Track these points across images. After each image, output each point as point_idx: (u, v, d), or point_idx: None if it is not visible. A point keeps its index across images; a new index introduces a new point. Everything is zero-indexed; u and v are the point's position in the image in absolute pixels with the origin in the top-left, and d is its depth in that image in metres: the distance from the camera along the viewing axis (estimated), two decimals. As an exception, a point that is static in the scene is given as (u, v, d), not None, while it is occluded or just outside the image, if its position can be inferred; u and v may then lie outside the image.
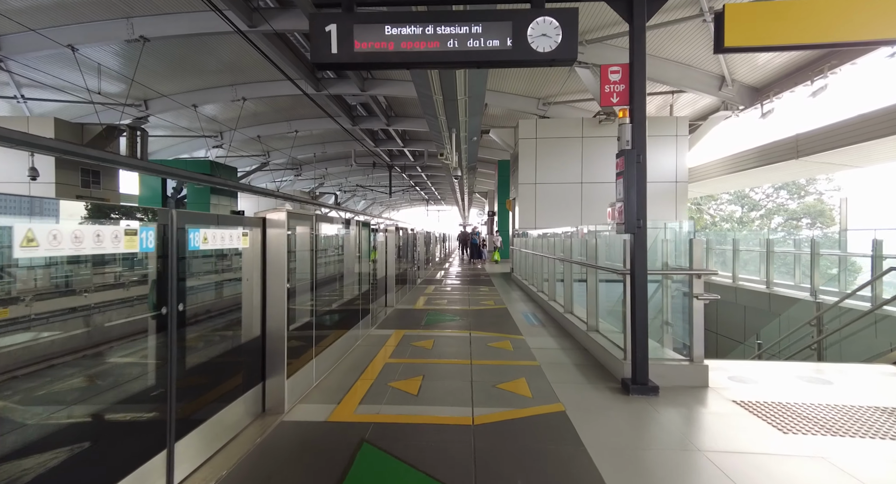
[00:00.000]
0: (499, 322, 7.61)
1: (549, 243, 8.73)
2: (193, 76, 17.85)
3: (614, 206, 4.54)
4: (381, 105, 21.41)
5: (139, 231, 2.33)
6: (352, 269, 6.18)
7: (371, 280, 7.81)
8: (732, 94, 13.49)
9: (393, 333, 6.76)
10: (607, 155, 14.25)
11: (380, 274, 8.87)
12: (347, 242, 6.12)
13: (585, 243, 6.15)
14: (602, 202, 14.24)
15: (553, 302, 8.32)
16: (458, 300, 9.91)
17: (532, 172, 14.34)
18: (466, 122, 9.23)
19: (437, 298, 10.19)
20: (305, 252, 4.33)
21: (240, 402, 3.45)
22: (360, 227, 6.34)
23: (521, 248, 13.30)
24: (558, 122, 14.55)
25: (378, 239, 8.51)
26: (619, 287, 6.31)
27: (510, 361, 5.25)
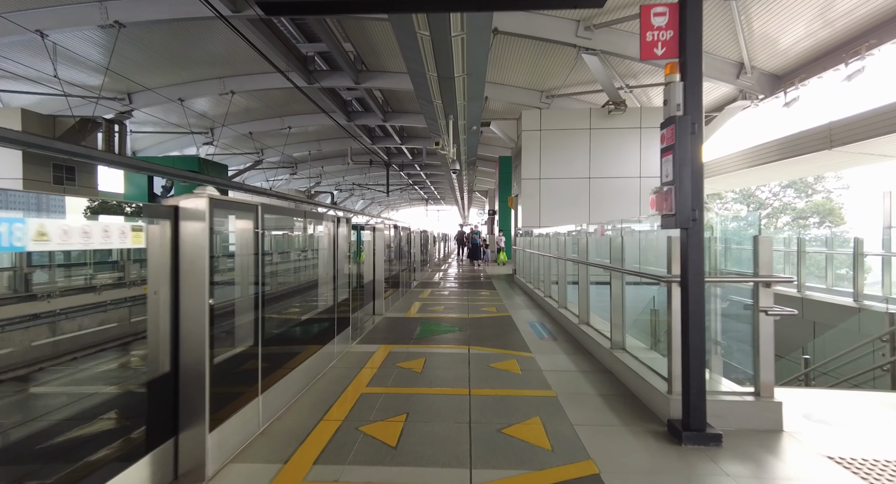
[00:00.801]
0: (502, 334, 6.48)
1: (559, 243, 7.61)
2: (179, 68, 16.74)
3: (659, 191, 3.42)
4: (378, 100, 20.33)
5: None
6: (326, 273, 5.06)
7: (354, 286, 6.70)
8: (752, 82, 12.36)
9: (378, 349, 5.63)
10: (617, 148, 13.15)
11: (367, 278, 7.76)
12: (320, 241, 5.00)
13: (609, 242, 5.02)
14: (612, 199, 13.12)
15: (564, 310, 7.20)
16: (457, 307, 8.79)
17: (536, 167, 13.22)
18: (465, 107, 8.13)
19: (432, 304, 9.07)
20: (249, 255, 3.21)
21: (137, 468, 2.34)
22: (337, 223, 5.21)
23: (524, 248, 12.18)
24: (564, 113, 13.44)
25: (365, 238, 7.40)
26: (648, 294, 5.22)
27: (519, 391, 4.12)
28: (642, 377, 3.92)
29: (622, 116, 12.90)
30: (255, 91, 19.11)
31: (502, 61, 13.74)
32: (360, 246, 6.82)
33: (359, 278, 6.96)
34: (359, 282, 7.00)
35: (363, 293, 7.60)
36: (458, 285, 12.45)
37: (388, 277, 8.65)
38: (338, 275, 5.27)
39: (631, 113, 12.91)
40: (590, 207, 13.07)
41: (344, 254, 5.61)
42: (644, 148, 12.96)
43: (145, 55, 15.27)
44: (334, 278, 5.11)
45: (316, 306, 4.91)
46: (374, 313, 7.88)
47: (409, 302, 9.34)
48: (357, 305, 6.86)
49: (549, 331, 6.69)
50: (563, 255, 7.50)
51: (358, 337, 6.25)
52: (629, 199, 12.99)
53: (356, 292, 6.88)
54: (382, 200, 46.90)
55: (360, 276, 7.42)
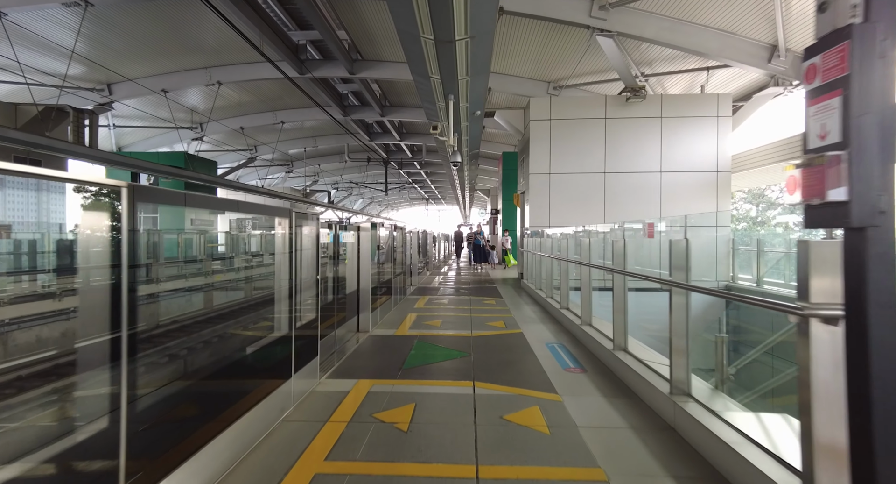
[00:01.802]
0: (515, 362, 5.05)
1: (581, 245, 6.17)
2: (161, 57, 15.34)
3: (810, 164, 1.96)
4: (375, 93, 18.96)
5: None
6: (283, 286, 3.64)
7: (330, 299, 5.29)
8: (786, 66, 10.91)
9: (354, 386, 4.20)
10: (636, 140, 11.71)
11: (349, 286, 6.34)
12: (273, 243, 3.59)
13: (670, 246, 3.57)
14: (629, 196, 11.68)
15: (590, 328, 5.78)
16: (457, 321, 7.36)
17: (545, 160, 11.79)
18: (468, 85, 6.73)
19: (429, 317, 7.64)
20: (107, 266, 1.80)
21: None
22: (296, 219, 3.79)
23: (533, 250, 10.76)
24: (577, 101, 12.00)
25: (346, 239, 5.97)
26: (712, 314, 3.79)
27: (550, 470, 2.70)
28: (745, 458, 2.49)
29: (641, 105, 11.47)
30: (244, 82, 17.75)
31: (506, 49, 12.32)
32: (336, 248, 5.40)
33: (337, 289, 5.53)
34: (338, 293, 5.57)
35: (346, 306, 6.18)
36: (459, 292, 11.02)
37: (378, 284, 7.23)
38: (298, 287, 3.84)
39: (651, 101, 11.48)
40: (605, 205, 11.64)
41: (311, 259, 4.19)
42: (665, 140, 11.52)
43: (124, 42, 13.91)
44: (292, 292, 3.68)
45: (262, 332, 3.49)
46: (358, 330, 6.46)
47: (402, 313, 7.91)
48: (335, 323, 5.44)
49: (573, 356, 5.25)
50: (587, 260, 6.07)
51: (332, 367, 4.82)
52: (649, 196, 11.55)
53: (334, 307, 5.46)
54: (382, 200, 45.48)
55: (341, 285, 6.00)
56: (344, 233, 5.78)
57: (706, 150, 11.51)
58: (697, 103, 11.57)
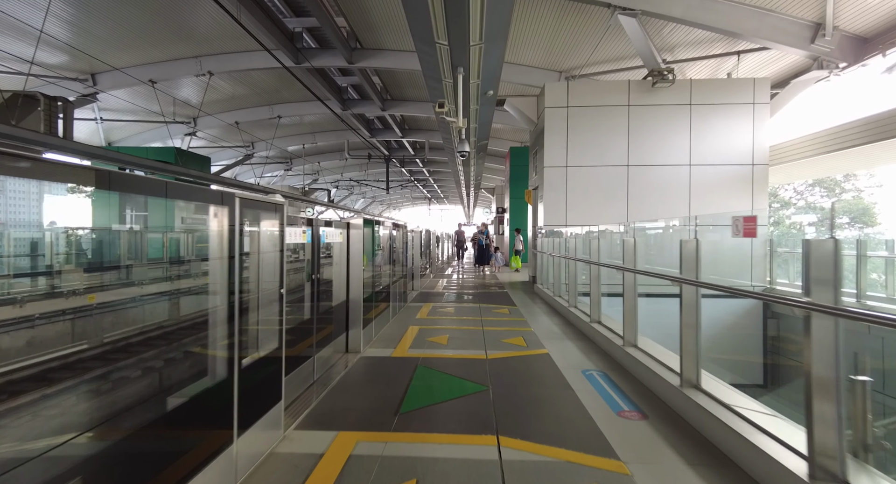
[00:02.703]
0: (549, 401, 3.79)
1: (625, 247, 4.91)
2: (148, 45, 14.15)
3: None
4: (376, 86, 17.77)
5: None
6: (219, 306, 2.40)
7: (306, 317, 4.06)
8: (832, 46, 9.63)
9: (328, 447, 2.95)
10: (662, 129, 10.43)
11: (336, 297, 5.09)
12: (219, 246, 2.36)
13: (814, 252, 2.29)
14: (655, 192, 10.41)
15: (637, 351, 4.52)
16: (467, 336, 6.11)
17: (562, 152, 10.51)
18: (481, 53, 5.49)
19: (433, 331, 6.38)
20: None
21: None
22: (249, 213, 2.56)
23: (550, 251, 9.50)
24: (597, 87, 10.73)
25: (332, 239, 4.72)
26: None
27: None
28: None
29: (668, 91, 10.20)
30: (238, 73, 16.55)
31: (514, 35, 11.07)
32: (315, 251, 4.15)
33: (318, 301, 4.28)
34: (319, 308, 4.32)
35: (331, 321, 4.94)
36: (466, 298, 9.77)
37: (373, 292, 5.99)
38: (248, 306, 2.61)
39: (679, 87, 10.21)
40: (628, 202, 10.37)
41: (271, 266, 2.95)
42: (696, 129, 10.24)
43: (108, 29, 12.76)
44: (232, 313, 2.44)
45: (183, 374, 2.26)
46: (346, 351, 5.22)
47: (401, 326, 6.66)
48: (314, 346, 4.20)
49: (623, 392, 3.98)
50: (631, 264, 4.80)
51: (308, 406, 3.57)
52: (676, 192, 10.28)
53: (312, 326, 4.21)
54: (384, 199, 44.23)
55: (324, 296, 4.76)
56: (329, 231, 4.54)
57: (741, 141, 10.22)
58: (731, 89, 10.28)
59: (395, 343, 5.65)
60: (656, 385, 3.92)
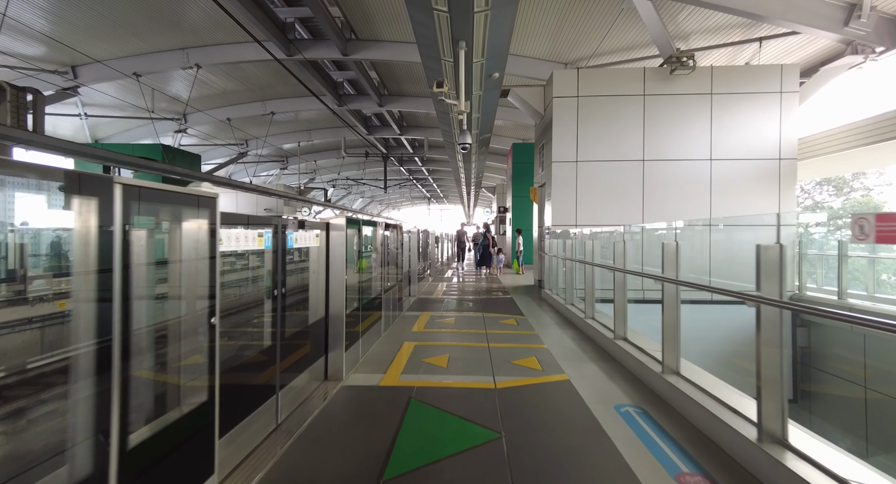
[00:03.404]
0: (582, 456, 2.85)
1: (665, 252, 3.96)
2: (132, 36, 13.22)
3: None
4: (373, 81, 16.88)
5: None
6: (85, 353, 1.43)
7: (266, 345, 3.13)
8: (867, 29, 8.70)
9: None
10: (681, 121, 9.48)
11: (313, 313, 4.15)
12: (82, 257, 1.38)
13: None
14: (673, 189, 9.47)
15: (684, 383, 3.58)
16: (471, 356, 5.16)
17: (571, 146, 9.57)
18: (487, 22, 4.54)
19: (431, 349, 5.44)
20: None
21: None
22: (149, 205, 1.59)
23: (560, 254, 8.55)
24: (609, 75, 9.77)
25: (303, 243, 3.77)
26: None
27: None
28: None
29: (687, 79, 9.27)
30: (227, 66, 15.62)
31: (518, 25, 10.16)
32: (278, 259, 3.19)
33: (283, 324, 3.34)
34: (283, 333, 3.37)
35: (307, 343, 3.99)
36: (468, 306, 8.82)
37: (361, 304, 5.05)
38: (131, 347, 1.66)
39: (699, 75, 9.27)
40: (643, 200, 9.42)
41: (193, 283, 2.00)
42: (717, 121, 9.30)
43: (89, 18, 11.85)
44: (104, 362, 1.48)
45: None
46: (326, 378, 4.28)
47: (395, 343, 5.71)
48: (277, 379, 3.26)
49: (675, 442, 3.04)
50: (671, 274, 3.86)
51: (265, 464, 2.62)
52: (696, 189, 9.34)
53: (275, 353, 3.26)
54: (382, 198, 43.26)
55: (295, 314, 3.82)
56: (301, 235, 3.60)
57: (767, 134, 9.28)
58: (757, 76, 9.32)
59: (385, 366, 4.70)
60: (721, 436, 2.97)
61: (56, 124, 18.72)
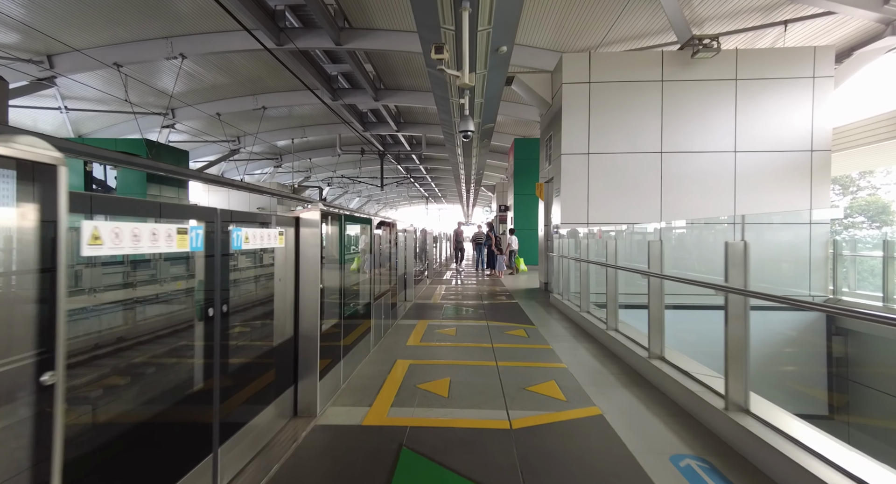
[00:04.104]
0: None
1: (727, 253, 3.04)
2: (112, 23, 12.31)
3: None
4: (368, 75, 16.01)
5: None
6: None
7: (185, 397, 2.17)
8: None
9: None
10: (702, 109, 8.59)
11: (279, 332, 3.21)
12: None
13: None
14: (693, 183, 8.56)
15: (759, 424, 2.65)
16: (477, 380, 4.23)
17: (583, 137, 8.66)
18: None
19: (428, 370, 4.51)
20: None
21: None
22: None
23: (578, 255, 7.63)
24: (624, 59, 8.85)
25: (257, 244, 2.83)
26: None
27: None
28: None
29: (710, 64, 8.37)
30: (215, 57, 14.68)
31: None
32: (216, 268, 2.26)
33: (220, 353, 2.38)
34: (221, 364, 2.42)
35: (271, 371, 3.06)
36: (470, 313, 7.89)
37: (345, 316, 4.13)
38: None
39: (723, 59, 8.38)
40: (661, 196, 8.53)
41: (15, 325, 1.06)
42: (742, 109, 8.41)
43: (66, 4, 10.96)
44: None
45: None
46: (295, 414, 3.34)
47: (385, 361, 4.78)
48: (212, 434, 2.32)
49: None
50: (740, 286, 2.95)
51: None
52: (719, 184, 8.44)
53: (211, 398, 2.32)
54: (380, 198, 42.31)
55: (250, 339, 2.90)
56: (254, 232, 2.68)
57: (798, 123, 8.38)
58: (786, 60, 8.42)
59: (372, 394, 3.77)
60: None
61: (37, 119, 17.76)
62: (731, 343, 3.03)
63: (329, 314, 3.85)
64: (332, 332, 3.81)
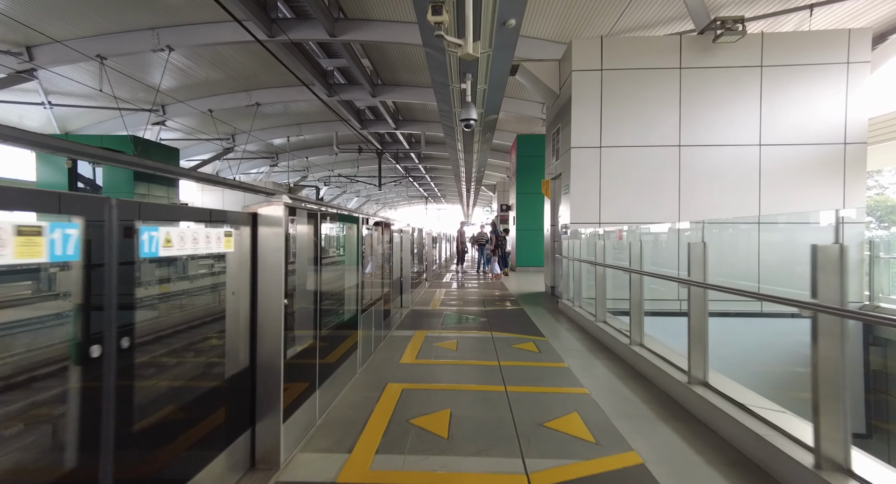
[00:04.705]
0: None
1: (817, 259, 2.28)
2: (95, 13, 11.60)
3: None
4: (366, 70, 15.31)
5: None
6: None
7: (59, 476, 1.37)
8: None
9: None
10: (723, 98, 7.83)
11: (231, 362, 2.45)
12: None
13: None
14: (714, 179, 7.81)
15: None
16: (483, 415, 3.47)
17: (594, 128, 7.91)
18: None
19: (424, 397, 3.75)
20: None
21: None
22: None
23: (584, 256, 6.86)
24: (639, 45, 8.08)
25: (184, 248, 2.06)
26: None
27: None
28: None
29: (733, 49, 7.63)
30: (206, 52, 14.02)
31: None
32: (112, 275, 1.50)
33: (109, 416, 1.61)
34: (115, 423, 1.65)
35: (226, 403, 2.31)
36: (473, 321, 7.13)
37: (325, 332, 3.38)
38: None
39: (747, 44, 7.63)
40: (680, 193, 7.78)
41: None
42: (768, 99, 7.67)
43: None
44: None
45: None
46: (252, 466, 2.58)
47: (374, 385, 4.02)
48: None
49: None
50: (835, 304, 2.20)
51: None
52: (742, 181, 7.71)
53: (93, 470, 1.56)
54: (379, 198, 41.54)
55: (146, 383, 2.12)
56: (183, 233, 1.93)
57: (830, 113, 7.63)
58: (817, 44, 7.66)
59: (354, 433, 3.01)
60: None
61: (22, 115, 17.04)
62: (823, 377, 2.27)
63: (302, 332, 3.10)
64: (306, 354, 3.06)
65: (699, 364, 3.52)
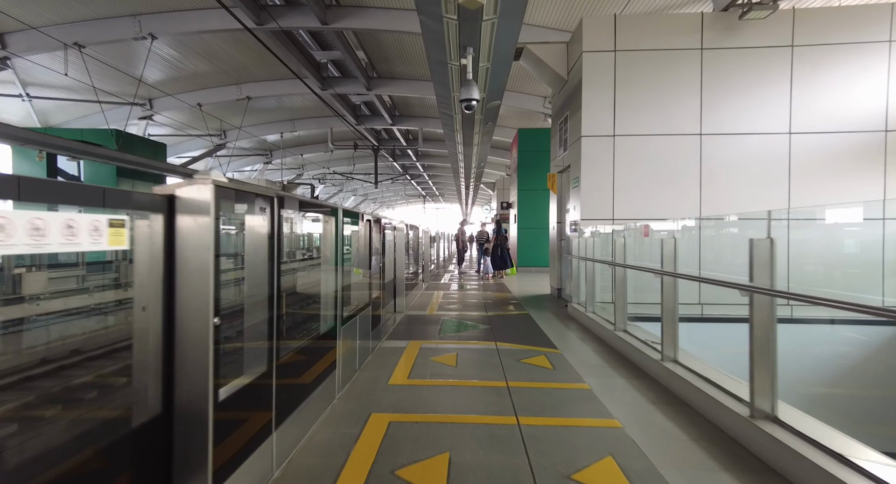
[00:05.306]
0: None
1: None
2: (72, 0, 10.81)
3: None
4: (361, 62, 14.60)
5: None
6: None
7: None
8: None
9: None
10: (749, 83, 7.07)
11: (140, 408, 1.67)
12: None
13: None
14: (739, 171, 7.04)
15: None
16: (491, 460, 2.71)
17: (607, 115, 7.14)
18: None
19: (416, 434, 2.98)
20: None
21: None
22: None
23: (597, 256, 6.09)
24: (656, 23, 7.29)
25: (66, 241, 1.26)
26: None
27: None
28: None
29: (760, 27, 6.88)
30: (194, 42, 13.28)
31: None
32: None
33: None
34: None
35: (127, 472, 1.53)
36: (474, 331, 6.35)
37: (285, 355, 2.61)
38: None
39: (776, 21, 6.87)
40: (701, 185, 7.02)
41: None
42: (799, 82, 6.91)
43: None
44: None
45: None
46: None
47: (355, 416, 3.26)
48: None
49: None
50: None
51: None
52: (769, 171, 6.95)
53: None
54: (376, 197, 40.75)
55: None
56: (28, 221, 1.18)
57: (869, 98, 6.88)
58: (856, 21, 6.89)
59: None
60: None
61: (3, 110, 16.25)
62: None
63: (253, 357, 2.33)
64: (256, 387, 2.29)
65: (765, 392, 2.75)
